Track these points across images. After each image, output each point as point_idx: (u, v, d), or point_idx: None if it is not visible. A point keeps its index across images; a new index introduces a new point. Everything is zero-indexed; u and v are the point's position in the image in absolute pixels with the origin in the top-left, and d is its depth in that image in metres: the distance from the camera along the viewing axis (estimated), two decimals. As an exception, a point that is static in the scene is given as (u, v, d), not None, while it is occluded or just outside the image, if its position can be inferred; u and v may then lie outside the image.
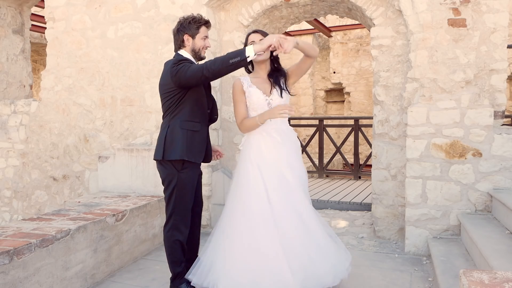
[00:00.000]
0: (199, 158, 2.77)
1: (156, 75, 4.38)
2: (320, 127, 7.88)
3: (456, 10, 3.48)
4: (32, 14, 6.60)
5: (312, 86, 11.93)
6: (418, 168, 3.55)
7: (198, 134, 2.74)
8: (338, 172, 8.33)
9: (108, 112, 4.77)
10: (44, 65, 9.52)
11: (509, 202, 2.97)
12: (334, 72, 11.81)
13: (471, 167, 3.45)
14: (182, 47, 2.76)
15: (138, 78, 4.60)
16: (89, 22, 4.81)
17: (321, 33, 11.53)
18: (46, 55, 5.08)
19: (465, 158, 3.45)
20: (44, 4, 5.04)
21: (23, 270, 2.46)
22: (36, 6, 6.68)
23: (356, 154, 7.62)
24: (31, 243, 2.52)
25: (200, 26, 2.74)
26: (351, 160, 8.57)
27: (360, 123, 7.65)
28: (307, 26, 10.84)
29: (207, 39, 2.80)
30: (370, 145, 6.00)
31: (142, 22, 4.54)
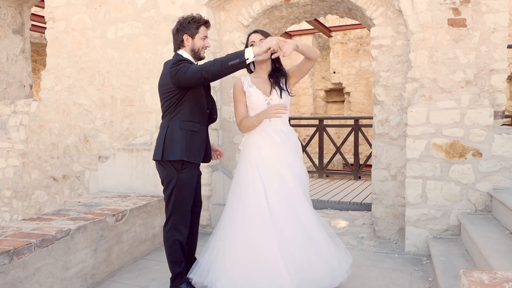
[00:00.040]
0: (199, 159, 2.77)
1: (156, 75, 4.38)
2: (320, 127, 7.88)
3: (456, 10, 3.48)
4: (32, 14, 6.60)
5: (312, 86, 11.94)
6: (418, 168, 3.55)
7: (198, 135, 2.74)
8: (338, 172, 8.34)
9: (108, 112, 4.77)
10: (44, 65, 9.52)
11: (509, 202, 2.97)
12: (334, 72, 11.81)
13: (471, 167, 3.45)
14: (182, 47, 2.76)
15: (138, 78, 4.60)
16: (89, 22, 4.81)
17: (321, 33, 11.53)
18: (46, 55, 5.08)
19: (465, 158, 3.46)
20: (44, 4, 5.04)
21: (23, 270, 2.46)
22: (36, 6, 6.68)
23: (356, 154, 7.62)
24: (31, 243, 2.52)
25: (200, 26, 2.74)
26: (351, 160, 8.57)
27: (360, 123, 7.65)
28: (307, 26, 10.84)
29: (207, 39, 2.79)
30: (370, 145, 6.00)
31: (142, 22, 4.54)
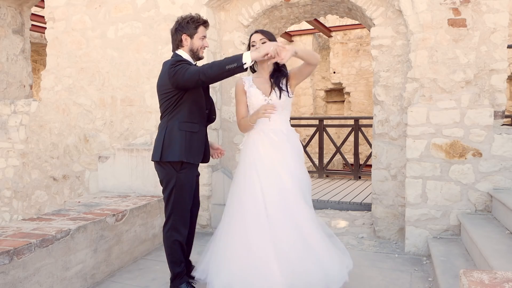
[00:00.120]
0: (198, 159, 2.77)
1: (156, 75, 4.37)
2: (320, 127, 7.88)
3: (456, 10, 3.48)
4: (32, 14, 6.60)
5: (312, 86, 11.94)
6: (418, 168, 3.55)
7: (197, 135, 2.73)
8: (338, 172, 8.34)
9: (108, 112, 4.77)
10: (44, 65, 9.52)
11: (509, 202, 2.97)
12: (334, 72, 11.81)
13: (471, 167, 3.45)
14: (180, 47, 2.76)
15: (138, 78, 4.60)
16: (89, 22, 4.81)
17: (321, 33, 11.53)
18: (46, 55, 5.08)
19: (465, 158, 3.45)
20: (44, 4, 5.04)
21: (23, 270, 2.45)
22: (36, 6, 6.68)
23: (356, 154, 7.62)
24: (31, 243, 2.52)
25: (199, 26, 2.73)
26: (351, 160, 8.57)
27: (360, 123, 7.65)
28: (307, 26, 10.84)
29: (205, 39, 2.79)
30: (370, 145, 6.00)
31: (142, 22, 4.54)
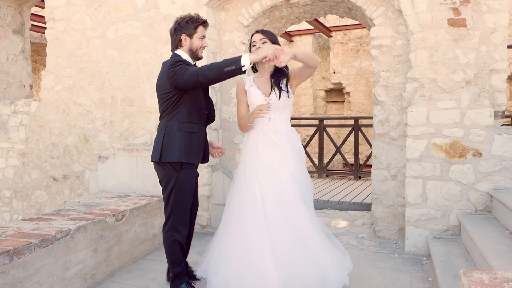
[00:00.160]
0: (198, 159, 2.77)
1: (156, 75, 4.34)
2: (320, 127, 7.88)
3: (456, 10, 3.48)
4: (32, 14, 6.60)
5: (312, 86, 11.93)
6: (418, 168, 3.55)
7: (196, 135, 2.73)
8: (338, 172, 8.34)
9: (108, 112, 4.77)
10: (44, 65, 9.52)
11: (509, 202, 2.97)
12: (334, 72, 11.81)
13: (471, 167, 3.45)
14: (180, 47, 2.75)
15: (138, 78, 4.60)
16: (89, 22, 4.81)
17: (321, 33, 11.53)
18: (46, 55, 5.08)
19: (465, 158, 3.45)
20: (44, 4, 5.04)
21: (23, 270, 2.45)
22: (36, 6, 6.68)
23: (356, 154, 7.62)
24: (31, 243, 2.52)
25: (198, 26, 2.73)
26: (351, 160, 8.57)
27: (360, 123, 7.65)
28: (307, 26, 10.84)
29: (205, 39, 2.79)
30: (370, 145, 6.00)
31: (142, 22, 4.54)
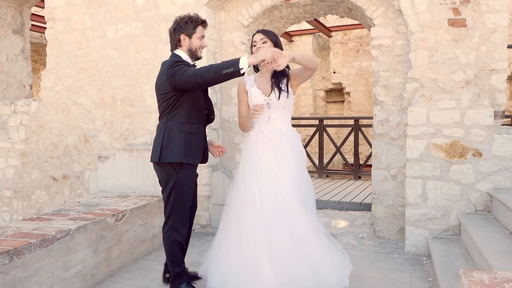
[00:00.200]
0: (197, 160, 2.77)
1: (156, 75, 4.36)
2: (320, 127, 7.88)
3: (456, 10, 3.48)
4: (32, 14, 6.60)
5: (312, 86, 11.93)
6: (418, 168, 3.55)
7: (196, 136, 2.73)
8: (338, 172, 8.33)
9: (108, 112, 4.77)
10: (44, 65, 9.52)
11: (509, 202, 2.97)
12: (334, 72, 11.81)
13: (471, 167, 3.45)
14: (179, 47, 2.75)
15: (138, 78, 4.60)
16: (89, 22, 4.81)
17: (321, 33, 11.53)
18: (46, 55, 5.08)
19: (465, 158, 3.45)
20: (44, 4, 5.04)
21: (23, 270, 2.45)
22: (36, 6, 6.68)
23: (356, 154, 7.62)
24: (31, 243, 2.52)
25: (197, 26, 2.73)
26: (351, 160, 8.57)
27: (360, 123, 7.64)
28: (307, 26, 10.84)
29: (204, 39, 2.78)
30: (370, 145, 6.00)
31: (142, 22, 4.54)
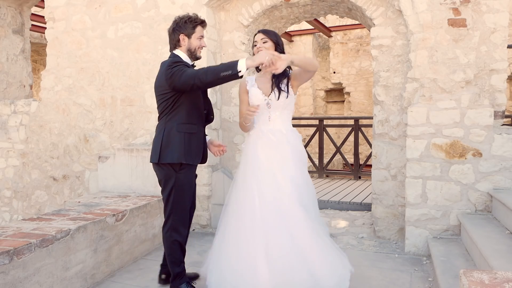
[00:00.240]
0: (197, 160, 2.77)
1: (156, 75, 4.38)
2: (320, 127, 7.88)
3: (456, 10, 3.48)
4: (32, 14, 6.60)
5: (312, 86, 11.93)
6: (418, 168, 3.55)
7: (196, 136, 2.73)
8: (338, 172, 8.33)
9: (108, 112, 4.77)
10: (44, 65, 9.52)
11: (509, 202, 2.97)
12: (334, 72, 11.81)
13: (471, 167, 3.45)
14: (178, 47, 2.75)
15: (138, 78, 4.60)
16: (89, 22, 4.81)
17: (321, 33, 11.53)
18: (46, 55, 5.08)
19: (465, 158, 3.45)
20: (44, 4, 5.04)
21: (23, 270, 2.45)
22: (36, 6, 6.67)
23: (356, 154, 7.62)
24: (31, 243, 2.52)
25: (196, 26, 2.72)
26: (351, 160, 8.57)
27: (360, 123, 7.65)
28: (307, 26, 10.84)
29: (203, 39, 2.78)
30: (370, 145, 6.00)
31: (142, 22, 4.54)
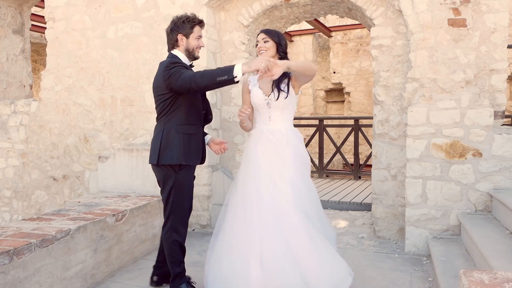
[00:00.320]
0: (197, 161, 2.77)
1: (156, 75, 4.38)
2: (320, 127, 7.88)
3: (456, 10, 3.48)
4: (32, 14, 6.60)
5: (312, 86, 11.93)
6: (418, 168, 3.55)
7: (195, 137, 2.73)
8: (338, 172, 8.33)
9: (108, 112, 4.77)
10: (44, 65, 9.52)
11: (509, 202, 2.97)
12: (334, 72, 11.81)
13: (471, 167, 3.45)
14: (176, 47, 2.74)
15: (138, 78, 4.60)
16: (89, 22, 4.81)
17: (321, 33, 11.53)
18: (46, 55, 5.08)
19: (465, 158, 3.45)
20: (44, 4, 5.04)
21: (23, 270, 2.45)
22: (36, 6, 6.68)
23: (356, 154, 7.62)
24: (31, 243, 2.52)
25: (194, 26, 2.71)
26: (351, 160, 8.56)
27: (360, 123, 7.65)
28: (307, 26, 10.84)
29: (201, 39, 2.77)
30: (370, 145, 6.00)
31: (142, 22, 4.54)
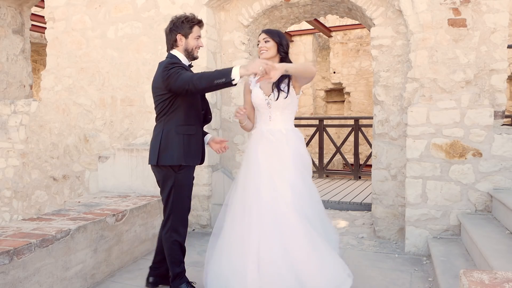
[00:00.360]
0: (197, 161, 2.77)
1: (156, 75, 4.38)
2: (320, 127, 7.88)
3: (456, 10, 3.48)
4: (32, 14, 6.60)
5: (312, 86, 11.93)
6: (418, 168, 3.55)
7: (194, 137, 2.73)
8: (338, 172, 8.33)
9: (108, 112, 4.77)
10: (44, 65, 9.52)
11: (509, 202, 2.97)
12: (334, 72, 11.81)
13: (471, 167, 3.45)
14: (175, 47, 2.74)
15: (138, 78, 4.60)
16: (89, 22, 4.81)
17: (321, 33, 11.53)
18: (46, 55, 5.08)
19: (465, 158, 3.45)
20: (44, 4, 5.04)
21: (23, 270, 2.45)
22: (36, 6, 6.67)
23: (356, 154, 7.62)
24: (31, 243, 2.52)
25: (193, 26, 2.71)
26: (351, 160, 8.57)
27: (360, 123, 7.65)
28: (307, 26, 10.84)
29: (200, 39, 2.77)
30: (370, 145, 6.00)
31: (142, 22, 4.54)
